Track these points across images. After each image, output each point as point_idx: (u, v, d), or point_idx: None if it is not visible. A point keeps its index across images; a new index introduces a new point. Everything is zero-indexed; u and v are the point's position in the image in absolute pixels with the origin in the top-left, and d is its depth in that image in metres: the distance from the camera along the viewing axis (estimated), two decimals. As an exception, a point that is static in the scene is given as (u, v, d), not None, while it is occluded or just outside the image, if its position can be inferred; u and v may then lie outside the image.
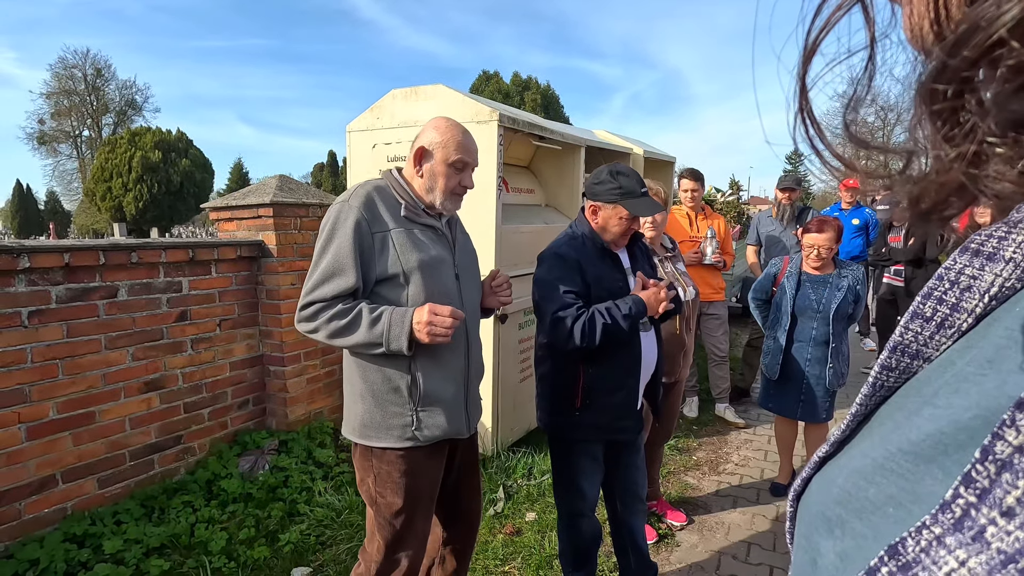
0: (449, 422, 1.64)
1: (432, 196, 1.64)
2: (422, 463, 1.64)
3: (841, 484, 0.30)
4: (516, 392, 3.46)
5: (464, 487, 1.85)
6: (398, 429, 1.59)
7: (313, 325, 1.54)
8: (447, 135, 1.61)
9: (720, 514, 2.95)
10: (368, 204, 1.56)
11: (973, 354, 0.26)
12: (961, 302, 0.30)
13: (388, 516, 1.63)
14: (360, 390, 1.62)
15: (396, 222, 1.59)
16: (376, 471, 1.62)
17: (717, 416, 4.21)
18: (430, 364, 1.60)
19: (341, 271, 1.52)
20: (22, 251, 2.28)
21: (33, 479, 2.39)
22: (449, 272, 1.66)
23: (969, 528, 0.20)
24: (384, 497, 1.62)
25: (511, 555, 2.52)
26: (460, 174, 1.64)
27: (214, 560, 2.39)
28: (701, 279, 3.87)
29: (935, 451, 0.24)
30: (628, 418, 1.96)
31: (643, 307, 1.80)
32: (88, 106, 39.15)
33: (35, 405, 2.38)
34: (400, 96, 3.37)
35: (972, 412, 0.23)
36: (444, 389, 1.62)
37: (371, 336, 1.50)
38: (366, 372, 1.60)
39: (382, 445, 1.60)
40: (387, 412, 1.59)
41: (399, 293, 1.58)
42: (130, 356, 2.72)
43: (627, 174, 1.88)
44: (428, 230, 1.65)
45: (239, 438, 3.24)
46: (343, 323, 1.51)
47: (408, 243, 1.58)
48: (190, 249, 2.94)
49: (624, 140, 4.89)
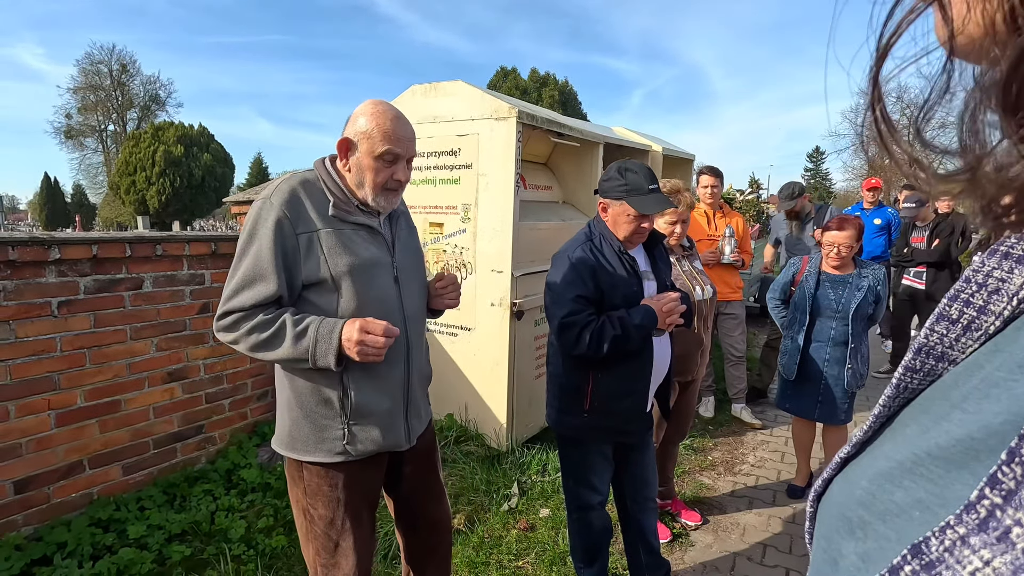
0: (385, 436, 1.51)
1: (363, 192, 1.46)
2: (355, 476, 1.52)
3: (865, 486, 0.30)
4: (532, 388, 3.47)
5: (422, 496, 1.74)
6: (328, 443, 1.46)
7: (232, 336, 1.39)
8: (372, 123, 1.41)
9: (735, 515, 2.93)
10: (292, 201, 1.39)
11: (1003, 358, 0.26)
12: (989, 305, 0.29)
13: (322, 528, 1.52)
14: (288, 400, 1.49)
15: (324, 221, 1.42)
16: (306, 483, 1.50)
17: (733, 416, 4.18)
18: (364, 375, 1.46)
19: (261, 277, 1.37)
20: (53, 243, 2.35)
21: (61, 464, 2.46)
22: (386, 275, 1.51)
23: (994, 529, 0.21)
24: (315, 509, 1.51)
25: (525, 550, 2.53)
26: (391, 167, 1.45)
27: (233, 547, 2.44)
28: (719, 278, 3.84)
29: (966, 456, 0.24)
30: (636, 421, 1.95)
31: (655, 319, 1.77)
32: (113, 101, 39.94)
33: (64, 393, 2.45)
34: (419, 92, 3.39)
35: (1003, 417, 0.23)
36: (379, 402, 1.49)
37: (296, 352, 1.36)
38: (294, 382, 1.47)
39: (310, 460, 1.48)
40: (316, 425, 1.46)
41: (329, 300, 1.43)
42: (154, 346, 2.78)
43: (635, 170, 1.83)
44: (361, 229, 1.48)
45: (258, 429, 3.30)
46: (264, 336, 1.36)
47: (337, 245, 1.42)
48: (213, 242, 2.99)
49: (643, 137, 4.86)
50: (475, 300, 3.28)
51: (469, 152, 3.23)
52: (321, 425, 1.46)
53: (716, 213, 4.01)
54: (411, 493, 1.73)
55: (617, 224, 1.87)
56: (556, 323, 1.81)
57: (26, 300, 2.31)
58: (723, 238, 3.86)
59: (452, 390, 3.46)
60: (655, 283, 1.98)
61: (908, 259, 5.13)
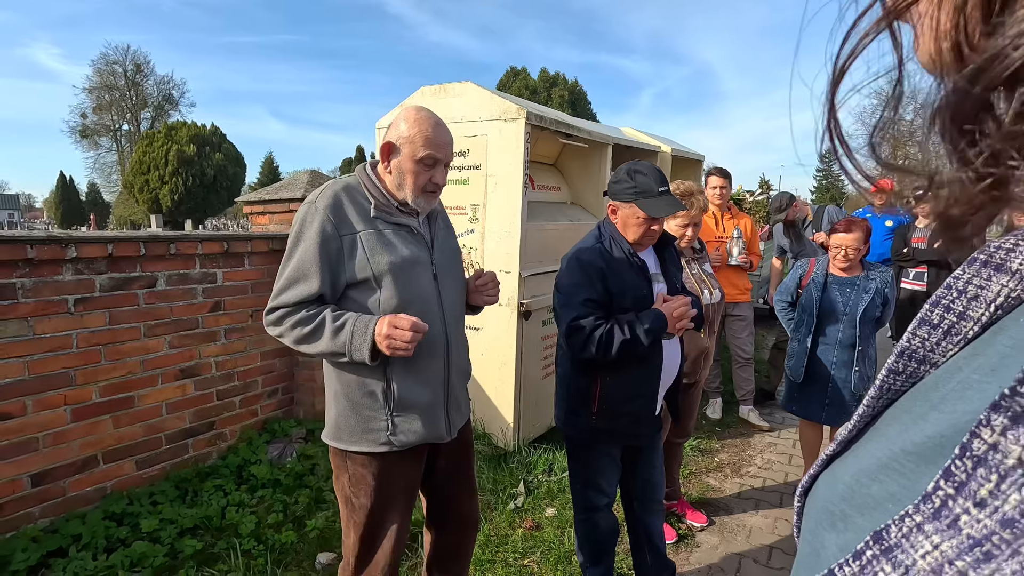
0: (426, 427, 1.58)
1: (403, 193, 1.55)
2: (397, 467, 1.59)
3: (847, 482, 0.31)
4: (538, 388, 3.48)
5: (455, 489, 1.80)
6: (372, 433, 1.54)
7: (278, 330, 1.51)
8: (415, 129, 1.50)
9: (741, 516, 2.93)
10: (335, 205, 1.48)
11: (979, 362, 0.28)
12: (968, 311, 0.31)
13: (362, 517, 1.59)
14: (336, 392, 1.58)
15: (365, 223, 1.51)
16: (351, 472, 1.58)
17: (741, 418, 4.17)
18: (406, 369, 1.54)
19: (305, 277, 1.47)
20: (70, 241, 2.40)
21: (77, 459, 2.51)
22: (426, 273, 1.58)
23: (946, 517, 0.22)
24: (358, 498, 1.58)
25: (531, 549, 2.55)
26: (430, 171, 1.53)
27: (244, 542, 2.48)
28: (727, 280, 3.83)
29: (934, 452, 0.26)
30: (645, 424, 1.95)
31: (665, 323, 1.77)
32: (128, 101, 40.43)
33: (79, 388, 2.50)
34: (429, 93, 3.42)
35: (969, 416, 0.25)
36: (420, 394, 1.56)
37: (334, 345, 1.45)
38: (341, 375, 1.56)
39: (356, 449, 1.56)
40: (361, 416, 1.54)
41: (371, 297, 1.51)
42: (167, 344, 2.83)
43: (645, 172, 1.83)
44: (401, 229, 1.56)
45: (268, 426, 3.34)
46: (306, 330, 1.47)
47: (378, 245, 1.50)
48: (225, 242, 3.04)
49: (652, 138, 4.86)
50: (483, 300, 3.30)
51: (478, 153, 3.25)
52: (366, 416, 1.55)
53: (724, 214, 4.00)
54: (445, 487, 1.79)
55: (627, 226, 1.87)
56: (565, 326, 1.81)
57: (44, 297, 2.36)
58: (731, 239, 3.85)
59: (459, 389, 3.47)
60: (665, 285, 1.97)
61: (908, 259, 5.09)
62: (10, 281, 2.27)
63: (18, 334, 2.30)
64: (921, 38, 0.27)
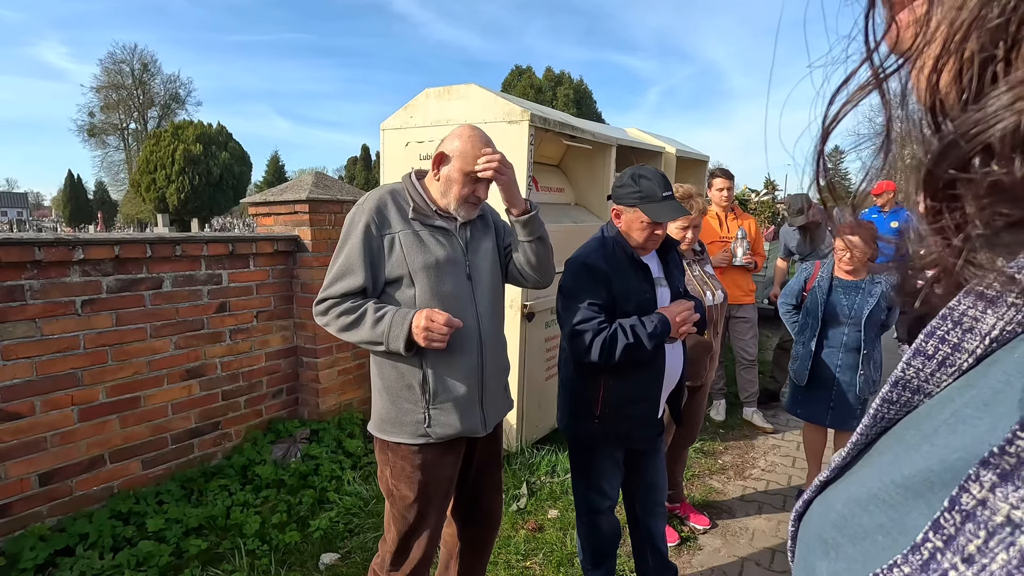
0: (462, 420, 1.67)
1: (446, 201, 1.66)
2: (436, 459, 1.68)
3: (839, 509, 0.32)
4: (541, 390, 3.49)
5: (484, 485, 1.87)
6: (411, 426, 1.64)
7: (325, 319, 1.65)
8: (468, 145, 1.63)
9: (745, 519, 2.93)
10: (379, 207, 1.63)
11: (972, 394, 0.28)
12: (963, 343, 0.30)
13: (401, 509, 1.68)
14: (379, 385, 1.69)
15: (404, 224, 1.63)
16: (392, 464, 1.68)
17: (744, 420, 4.16)
18: (441, 363, 1.64)
19: (351, 271, 1.61)
20: (77, 243, 2.42)
21: (84, 458, 2.54)
22: (460, 273, 1.68)
23: (934, 570, 0.22)
24: (399, 490, 1.68)
25: (533, 551, 2.56)
26: (476, 184, 1.65)
27: (248, 542, 2.50)
28: (731, 281, 3.82)
29: (923, 487, 0.26)
30: (648, 427, 1.95)
31: (669, 327, 1.77)
32: (135, 99, 40.64)
33: (86, 389, 2.53)
34: (433, 95, 3.42)
35: (959, 454, 0.25)
36: (456, 388, 1.66)
37: (373, 335, 1.57)
38: (382, 369, 1.68)
39: (396, 440, 1.66)
40: (401, 408, 1.65)
41: (407, 294, 1.63)
42: (173, 344, 2.85)
43: (649, 177, 1.83)
44: (438, 231, 1.67)
45: (273, 426, 3.36)
46: (350, 320, 1.60)
47: (414, 245, 1.62)
48: (230, 243, 3.05)
49: (656, 139, 4.85)
50: (486, 302, 3.30)
51: (482, 155, 3.25)
52: (405, 409, 1.65)
53: (728, 215, 3.99)
54: (474, 484, 1.86)
55: (630, 231, 1.87)
56: (568, 329, 1.82)
57: (51, 299, 2.39)
58: (735, 240, 3.84)
59: (463, 390, 3.48)
60: (668, 290, 1.97)
61: None
62: (18, 283, 2.29)
63: (26, 335, 2.33)
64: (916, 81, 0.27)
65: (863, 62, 0.27)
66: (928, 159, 0.25)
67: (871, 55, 0.27)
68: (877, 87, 0.28)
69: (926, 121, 0.26)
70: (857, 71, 0.27)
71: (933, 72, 0.25)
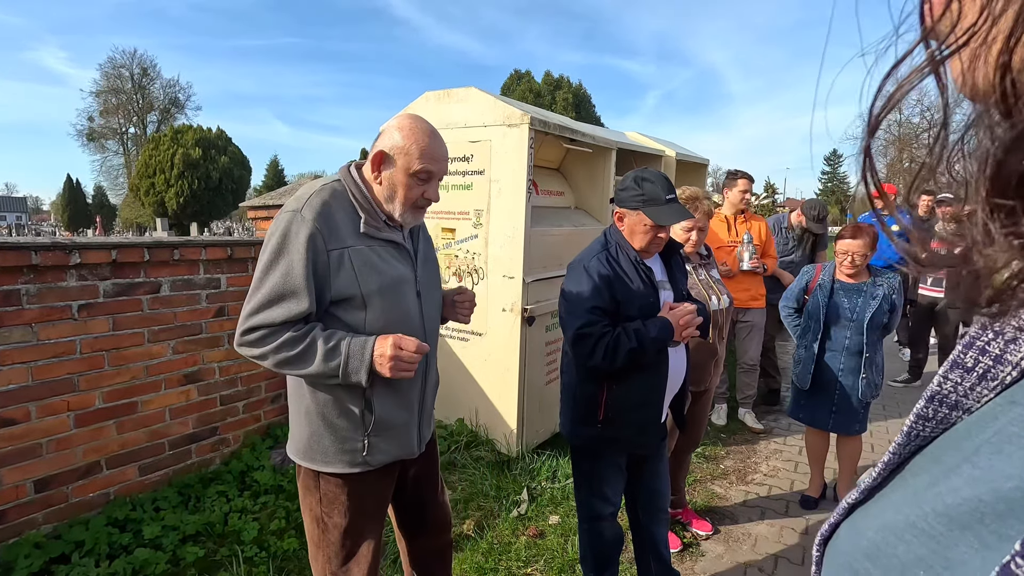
0: (400, 446, 1.55)
1: (391, 207, 1.45)
2: (371, 485, 1.55)
3: (871, 537, 0.29)
4: (542, 395, 3.47)
5: (426, 495, 1.77)
6: (347, 454, 1.48)
7: (259, 351, 1.36)
8: (410, 140, 1.41)
9: (747, 525, 2.90)
10: (324, 215, 1.37)
11: (1018, 411, 0.25)
12: (1005, 354, 0.29)
13: (337, 537, 1.54)
14: (308, 410, 1.48)
15: (355, 238, 1.41)
16: (323, 493, 1.52)
17: (746, 426, 4.15)
18: (386, 391, 1.48)
19: (292, 294, 1.34)
20: (74, 247, 2.40)
21: (80, 465, 2.51)
22: (411, 292, 1.52)
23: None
24: (331, 518, 1.53)
25: (534, 557, 2.53)
26: (424, 185, 1.44)
27: (246, 549, 2.47)
28: (740, 285, 3.82)
29: (971, 518, 0.24)
30: (651, 433, 1.94)
31: (672, 331, 1.76)
32: (134, 104, 40.70)
33: (83, 394, 2.50)
34: (433, 98, 3.41)
35: (1014, 482, 0.22)
36: (398, 415, 1.52)
37: (326, 368, 1.35)
38: (316, 395, 1.46)
39: (329, 470, 1.49)
40: (337, 436, 1.47)
41: (357, 316, 1.43)
42: (171, 349, 2.83)
43: (652, 180, 1.82)
44: (389, 246, 1.48)
45: (271, 431, 3.33)
46: (294, 353, 1.34)
47: (367, 264, 1.41)
48: (228, 247, 3.03)
49: (656, 142, 4.84)
50: (487, 305, 3.29)
51: (481, 158, 3.25)
52: (342, 437, 1.47)
53: (737, 219, 3.93)
54: (415, 496, 1.75)
55: (633, 234, 1.86)
56: (571, 333, 1.80)
57: (48, 303, 2.36)
58: (741, 244, 3.80)
59: (463, 395, 3.47)
60: (672, 293, 1.96)
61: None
62: (15, 287, 2.27)
63: (22, 340, 2.30)
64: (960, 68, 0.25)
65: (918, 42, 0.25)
66: (998, 150, 0.23)
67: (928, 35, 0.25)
68: (934, 70, 0.26)
69: (992, 107, 0.24)
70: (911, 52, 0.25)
71: (1004, 51, 0.23)
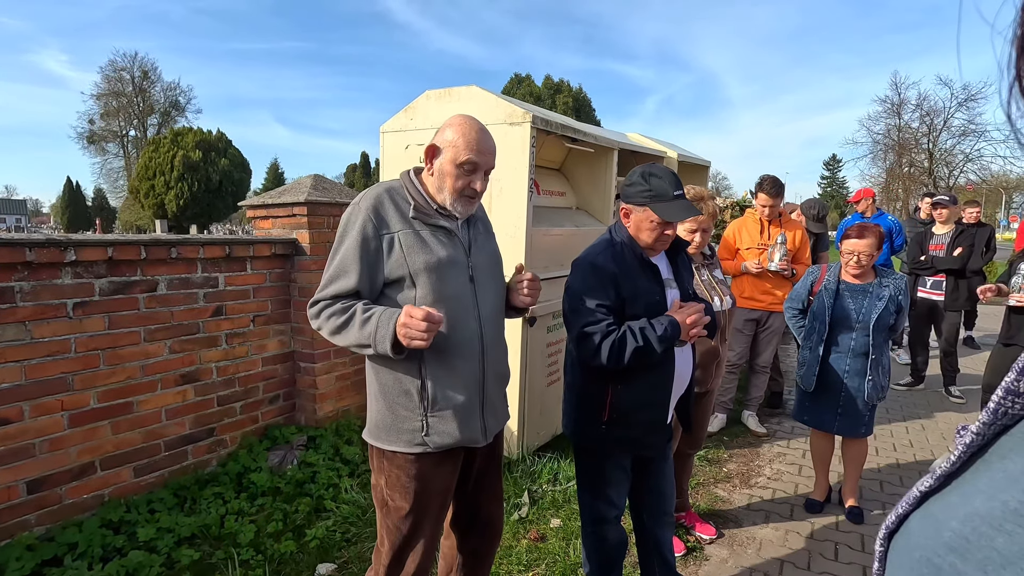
0: (461, 430, 1.59)
1: (442, 196, 1.58)
2: (433, 469, 1.60)
3: (955, 528, 0.26)
4: (543, 396, 3.43)
5: (484, 494, 1.80)
6: (408, 434, 1.57)
7: (318, 322, 1.57)
8: (458, 133, 1.55)
9: (751, 529, 2.86)
10: (377, 206, 1.54)
11: None
12: None
13: (396, 520, 1.61)
14: (375, 391, 1.61)
15: (403, 223, 1.55)
16: (387, 474, 1.60)
17: (749, 428, 4.11)
18: (440, 369, 1.56)
19: (345, 273, 1.53)
20: (69, 244, 2.37)
21: (74, 465, 2.47)
22: (462, 274, 1.60)
23: None
24: (394, 501, 1.60)
25: (535, 561, 2.49)
26: (470, 176, 1.56)
27: (242, 552, 2.43)
28: (764, 289, 3.83)
29: None
30: (657, 433, 1.90)
31: (679, 330, 1.72)
32: (135, 107, 40.73)
33: (77, 394, 2.46)
34: (434, 97, 3.39)
35: None
36: (455, 395, 1.57)
37: (362, 336, 1.49)
38: (379, 373, 1.59)
39: (392, 448, 1.58)
40: (397, 416, 1.57)
41: (407, 296, 1.55)
42: (167, 349, 2.79)
43: (660, 176, 1.78)
44: (439, 231, 1.59)
45: (269, 432, 3.29)
46: (340, 321, 1.52)
47: (415, 245, 1.54)
48: (227, 246, 3.00)
49: (657, 143, 4.82)
50: (487, 306, 3.25)
51: (483, 157, 3.21)
52: (402, 416, 1.57)
53: (771, 223, 3.90)
54: (475, 493, 1.77)
55: (640, 231, 1.82)
56: (576, 332, 1.76)
57: (42, 301, 2.33)
58: (773, 245, 3.77)
59: (463, 396, 3.42)
60: (678, 291, 1.92)
61: (926, 267, 5.02)
62: (8, 284, 2.23)
63: (16, 338, 2.27)
64: None
65: None
66: None
67: None
68: None
69: None
70: None
71: None
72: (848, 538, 2.76)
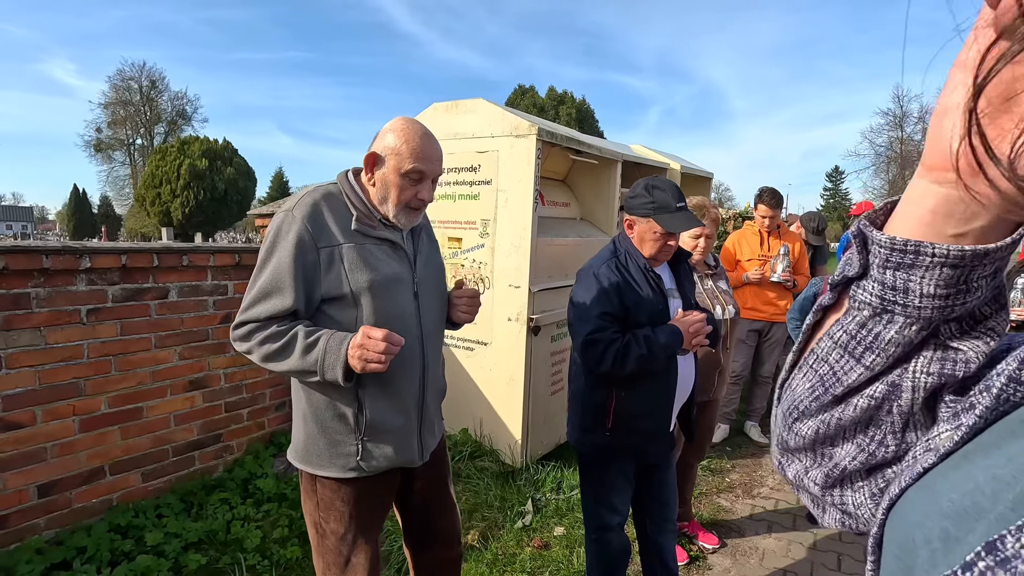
0: (398, 452, 1.50)
1: (385, 208, 1.45)
2: (368, 491, 1.52)
3: (955, 499, 0.29)
4: (547, 405, 3.45)
5: (433, 507, 1.73)
6: (342, 458, 1.46)
7: (247, 346, 1.40)
8: (401, 140, 1.41)
9: (754, 539, 2.87)
10: (314, 215, 1.39)
11: None
12: None
13: (334, 544, 1.52)
14: (304, 413, 1.48)
15: (346, 236, 1.41)
16: (319, 497, 1.51)
17: (751, 439, 4.12)
18: (378, 391, 1.45)
19: (278, 290, 1.37)
20: (84, 252, 2.42)
21: (83, 470, 2.50)
22: (407, 291, 1.50)
23: None
24: (328, 524, 1.51)
25: (539, 568, 2.50)
26: (416, 186, 1.44)
27: (249, 557, 2.45)
28: (766, 299, 3.85)
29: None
30: (660, 441, 1.92)
31: (681, 339, 1.75)
32: (142, 116, 41.14)
33: (88, 399, 2.50)
34: (442, 109, 3.45)
35: None
36: (393, 419, 1.48)
37: (305, 364, 1.34)
38: (311, 396, 1.46)
39: (324, 474, 1.48)
40: (331, 440, 1.46)
41: (349, 315, 1.42)
42: (177, 355, 2.83)
43: (663, 188, 1.83)
44: (384, 244, 1.47)
45: (275, 439, 3.32)
46: (276, 347, 1.36)
47: (358, 261, 1.41)
48: (236, 254, 3.05)
49: (661, 155, 4.87)
50: (492, 315, 3.29)
51: (489, 168, 3.27)
52: (335, 440, 1.46)
53: (771, 235, 3.94)
54: (422, 507, 1.72)
55: (643, 241, 1.86)
56: (580, 340, 1.80)
57: (57, 307, 2.37)
58: (776, 256, 3.81)
59: (467, 405, 3.45)
60: (680, 301, 1.96)
61: None
62: (25, 291, 2.28)
63: (31, 343, 2.31)
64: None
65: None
66: None
67: None
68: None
69: None
70: None
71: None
72: (851, 549, 2.77)
